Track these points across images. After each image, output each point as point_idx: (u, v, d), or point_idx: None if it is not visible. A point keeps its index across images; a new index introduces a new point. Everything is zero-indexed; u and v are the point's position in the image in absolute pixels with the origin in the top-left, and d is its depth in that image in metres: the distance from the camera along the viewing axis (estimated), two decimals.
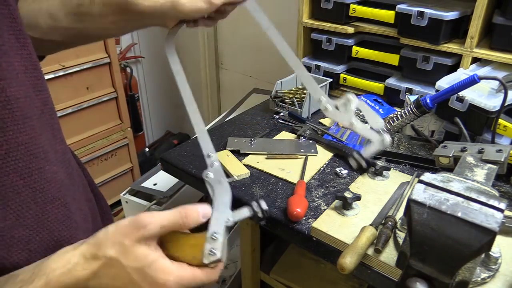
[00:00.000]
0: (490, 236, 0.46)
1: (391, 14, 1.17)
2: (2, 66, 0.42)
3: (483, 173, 0.64)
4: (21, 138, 0.43)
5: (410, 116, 0.99)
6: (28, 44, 0.47)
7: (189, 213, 0.45)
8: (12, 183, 0.43)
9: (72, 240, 0.49)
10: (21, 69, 0.45)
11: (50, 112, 0.50)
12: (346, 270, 0.65)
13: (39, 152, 0.46)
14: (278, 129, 1.19)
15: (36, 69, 0.48)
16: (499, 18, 1.00)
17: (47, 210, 0.47)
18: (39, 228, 0.46)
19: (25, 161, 0.44)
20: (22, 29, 0.46)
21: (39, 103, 0.47)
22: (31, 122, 0.45)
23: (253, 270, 1.22)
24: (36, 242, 0.45)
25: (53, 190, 0.48)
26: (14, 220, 0.43)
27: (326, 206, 0.85)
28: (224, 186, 0.51)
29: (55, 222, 0.48)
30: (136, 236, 0.42)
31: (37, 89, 0.47)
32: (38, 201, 0.46)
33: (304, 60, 1.40)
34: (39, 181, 0.46)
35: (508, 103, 0.86)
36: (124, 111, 2.00)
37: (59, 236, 0.48)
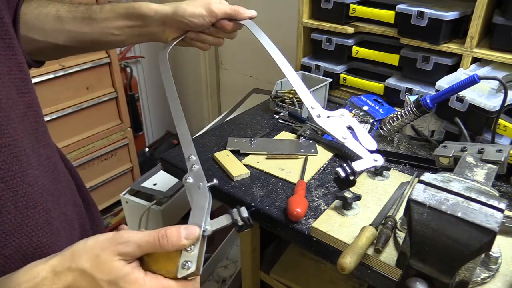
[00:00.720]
0: (490, 236, 0.46)
1: (391, 14, 1.17)
2: None
3: (483, 173, 0.64)
4: (4, 140, 0.42)
5: (410, 116, 0.99)
6: (14, 45, 0.46)
7: (169, 235, 0.42)
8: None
9: (52, 246, 0.48)
10: (4, 70, 0.44)
11: (34, 115, 0.49)
12: (346, 270, 0.65)
13: (22, 155, 0.44)
14: (278, 129, 1.19)
15: (22, 71, 0.47)
16: (499, 18, 1.00)
17: (27, 215, 0.45)
18: (17, 234, 0.44)
19: (8, 164, 0.42)
20: (8, 29, 0.45)
21: (22, 106, 0.46)
22: (13, 124, 0.43)
23: (253, 270, 1.22)
24: (12, 247, 0.44)
25: (35, 194, 0.46)
26: None
27: (326, 206, 0.85)
28: (203, 191, 0.48)
29: (35, 228, 0.46)
30: (113, 250, 0.41)
31: (21, 91, 0.46)
32: (19, 205, 0.44)
33: (304, 60, 1.40)
34: (21, 185, 0.44)
35: (508, 103, 0.86)
36: (124, 111, 2.00)
37: (38, 242, 0.46)
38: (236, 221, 0.45)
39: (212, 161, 1.01)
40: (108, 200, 2.02)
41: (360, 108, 1.22)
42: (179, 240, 0.42)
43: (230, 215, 0.45)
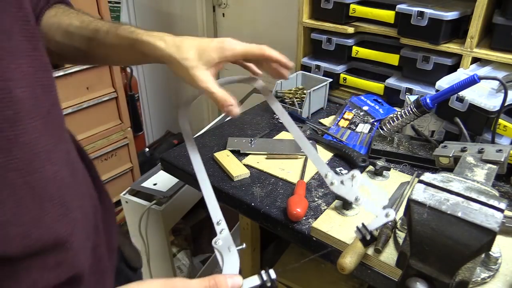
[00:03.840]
0: (490, 236, 0.46)
1: (391, 14, 1.17)
2: (11, 67, 0.43)
3: (483, 173, 0.64)
4: (25, 138, 0.44)
5: (410, 116, 0.99)
6: (41, 47, 0.48)
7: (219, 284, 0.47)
8: (12, 181, 0.43)
9: (70, 237, 0.50)
10: (30, 70, 0.46)
11: (57, 112, 0.51)
12: (346, 270, 0.65)
13: (41, 152, 0.46)
14: (278, 129, 1.19)
15: (47, 70, 0.49)
16: (499, 18, 1.00)
17: (45, 208, 0.47)
18: (37, 226, 0.46)
19: (27, 160, 0.44)
20: (35, 31, 0.47)
21: (46, 104, 0.48)
22: (34, 122, 0.45)
23: (253, 270, 1.22)
24: (33, 239, 0.45)
25: (53, 189, 0.48)
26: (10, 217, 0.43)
27: (326, 206, 0.85)
28: (233, 254, 0.53)
29: (53, 220, 0.48)
30: None
31: (45, 90, 0.48)
32: (36, 199, 0.46)
33: (304, 60, 1.40)
34: (39, 180, 0.46)
35: (508, 103, 0.86)
36: (124, 111, 2.00)
37: (57, 234, 0.48)
38: (265, 283, 0.50)
39: (212, 161, 1.01)
40: None
41: (360, 108, 1.23)
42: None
43: (261, 276, 0.50)
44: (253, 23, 2.14)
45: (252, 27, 2.15)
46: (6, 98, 0.42)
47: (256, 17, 2.11)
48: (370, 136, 1.11)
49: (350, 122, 1.18)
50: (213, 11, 2.30)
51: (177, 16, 2.44)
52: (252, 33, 2.16)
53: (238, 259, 0.52)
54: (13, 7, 0.44)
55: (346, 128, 1.16)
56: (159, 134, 2.80)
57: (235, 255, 0.52)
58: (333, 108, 1.33)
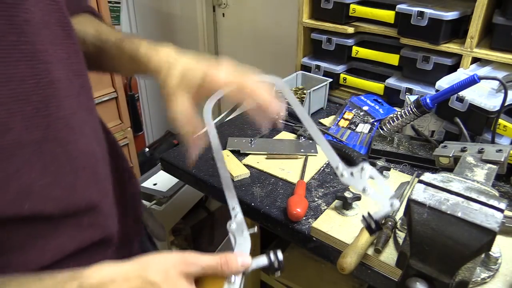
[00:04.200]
0: (490, 236, 0.46)
1: (391, 14, 1.17)
2: (49, 51, 0.49)
3: (483, 173, 0.64)
4: (62, 113, 0.50)
5: (410, 116, 0.99)
6: (73, 35, 0.54)
7: (229, 261, 0.49)
8: (52, 149, 0.49)
9: (101, 204, 0.57)
10: (64, 56, 0.52)
11: (87, 94, 0.57)
12: (346, 270, 0.65)
13: (76, 127, 0.53)
14: (278, 129, 1.18)
15: (78, 56, 0.55)
16: (499, 18, 1.00)
17: (79, 176, 0.53)
18: (73, 190, 0.52)
19: (64, 132, 0.51)
20: (68, 21, 0.53)
21: (77, 86, 0.54)
22: (69, 100, 0.52)
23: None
24: (70, 200, 0.51)
25: (86, 159, 0.54)
26: (52, 180, 0.49)
27: (326, 206, 0.85)
28: (245, 237, 0.55)
29: (86, 186, 0.54)
30: (181, 270, 0.46)
31: (76, 74, 0.54)
32: (73, 167, 0.52)
33: (304, 60, 1.40)
34: (75, 151, 0.52)
35: (508, 103, 0.86)
36: (124, 111, 1.99)
37: (88, 199, 0.54)
38: (273, 263, 0.52)
39: (212, 161, 1.01)
40: None
41: (360, 108, 1.23)
42: (237, 265, 0.49)
43: (268, 256, 0.52)
44: (253, 23, 2.14)
45: (252, 27, 2.15)
46: (46, 78, 0.48)
47: (256, 17, 2.11)
48: (370, 136, 1.11)
49: (350, 122, 1.18)
50: (213, 11, 2.30)
51: (177, 16, 2.44)
52: (252, 33, 2.16)
53: (249, 242, 0.55)
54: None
55: (346, 128, 1.16)
56: (159, 134, 2.80)
57: (247, 238, 0.55)
58: (333, 108, 1.33)
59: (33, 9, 0.47)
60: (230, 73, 0.59)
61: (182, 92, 0.58)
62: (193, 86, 0.58)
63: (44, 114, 0.48)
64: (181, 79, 0.58)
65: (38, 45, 0.47)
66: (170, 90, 0.58)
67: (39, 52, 0.47)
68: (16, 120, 0.45)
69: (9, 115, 0.45)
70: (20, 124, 0.46)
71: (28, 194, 0.47)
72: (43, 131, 0.48)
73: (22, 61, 0.46)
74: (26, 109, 0.46)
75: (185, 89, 0.58)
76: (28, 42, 0.46)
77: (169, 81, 0.58)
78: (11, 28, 0.44)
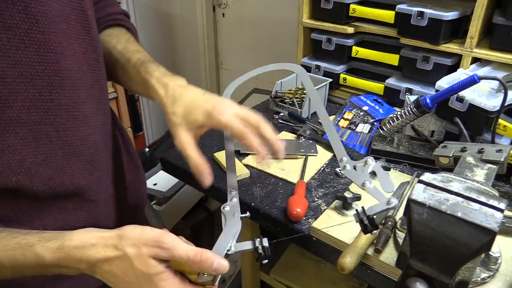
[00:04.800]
0: (490, 236, 0.46)
1: (391, 14, 1.17)
2: (63, 44, 0.53)
3: (483, 173, 0.64)
4: (64, 101, 0.54)
5: (410, 116, 0.99)
6: (93, 33, 0.58)
7: (203, 262, 0.48)
8: (47, 132, 0.53)
9: (90, 190, 0.60)
10: (80, 50, 0.56)
11: (100, 88, 0.61)
12: (346, 270, 0.65)
13: (79, 115, 0.56)
14: (278, 129, 1.19)
15: (95, 52, 0.60)
16: (499, 18, 1.00)
17: (71, 161, 0.56)
18: (62, 173, 0.55)
19: (63, 119, 0.54)
20: (90, 19, 0.57)
21: (90, 79, 0.58)
22: (77, 91, 0.56)
23: (253, 270, 1.22)
24: (57, 182, 0.55)
25: (82, 147, 0.58)
26: (42, 160, 0.53)
27: (326, 206, 0.85)
28: (236, 219, 0.56)
29: (77, 172, 0.57)
30: (153, 251, 0.47)
31: (92, 68, 0.59)
32: (66, 151, 0.55)
33: (304, 60, 1.40)
34: (71, 137, 0.56)
35: (508, 103, 0.86)
36: (124, 111, 1.99)
37: (77, 184, 0.58)
38: (257, 249, 0.52)
39: (212, 161, 1.01)
40: None
41: (360, 108, 1.23)
42: (210, 267, 0.48)
43: (253, 242, 0.53)
44: (253, 23, 2.14)
45: (252, 27, 2.15)
46: (54, 67, 0.52)
47: (256, 17, 2.11)
48: (370, 136, 1.11)
49: (350, 122, 1.18)
50: (213, 11, 2.30)
51: (177, 16, 2.44)
52: (252, 33, 2.16)
53: (240, 224, 0.56)
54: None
55: (346, 128, 1.16)
56: (159, 134, 2.80)
57: (237, 221, 0.56)
58: (333, 108, 1.33)
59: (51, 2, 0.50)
60: (233, 112, 0.60)
61: (184, 128, 0.60)
62: (195, 124, 0.60)
63: (46, 99, 0.52)
64: (183, 117, 0.60)
65: (50, 36, 0.51)
66: (174, 127, 0.61)
67: (51, 42, 0.51)
68: (19, 99, 0.49)
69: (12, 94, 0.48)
70: (21, 103, 0.50)
71: (17, 169, 0.51)
72: (42, 114, 0.52)
73: (31, 48, 0.49)
74: (30, 91, 0.50)
75: (187, 126, 0.60)
76: (40, 31, 0.50)
77: (173, 118, 0.60)
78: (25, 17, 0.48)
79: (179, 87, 0.62)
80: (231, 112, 0.59)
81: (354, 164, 0.60)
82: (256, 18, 2.11)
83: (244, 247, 0.53)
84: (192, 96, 0.61)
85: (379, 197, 0.58)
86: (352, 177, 0.59)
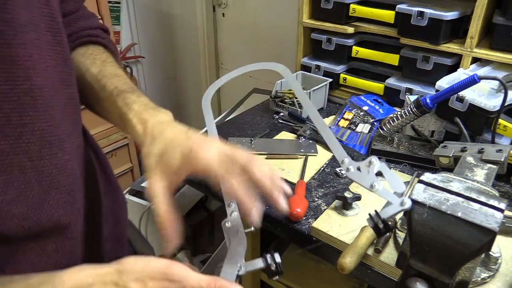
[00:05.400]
0: (490, 236, 0.46)
1: (391, 14, 1.17)
2: (33, 57, 0.45)
3: (483, 173, 0.64)
4: (38, 125, 0.46)
5: (410, 116, 0.99)
6: (64, 43, 0.50)
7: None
8: (20, 163, 0.45)
9: (71, 226, 0.51)
10: (52, 63, 0.48)
11: (74, 107, 0.53)
12: (346, 270, 0.65)
13: (55, 140, 0.48)
14: (278, 129, 1.18)
15: (67, 65, 0.51)
16: (499, 18, 1.00)
17: (49, 194, 0.48)
18: (38, 209, 0.47)
19: (38, 146, 0.46)
20: (60, 28, 0.49)
21: (64, 97, 0.50)
22: (52, 111, 0.47)
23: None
24: (33, 221, 0.46)
25: (61, 177, 0.49)
26: (15, 197, 0.44)
27: (326, 206, 0.85)
28: (241, 237, 0.52)
29: (56, 207, 0.49)
30: (161, 285, 0.42)
31: (65, 84, 0.51)
32: (43, 184, 0.47)
33: (304, 60, 1.40)
34: (48, 166, 0.47)
35: (508, 103, 0.86)
36: None
37: (57, 220, 0.49)
38: (270, 266, 0.49)
39: None
40: None
41: (360, 108, 1.23)
42: None
43: (265, 259, 0.49)
44: (253, 23, 2.14)
45: (252, 27, 2.15)
46: (24, 85, 0.44)
47: (256, 17, 2.11)
48: (370, 136, 1.11)
49: (350, 122, 1.18)
50: (213, 11, 2.30)
51: (177, 16, 2.44)
52: (252, 33, 2.16)
53: (245, 242, 0.51)
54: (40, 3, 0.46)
55: (346, 128, 1.16)
56: None
57: (242, 238, 0.51)
58: (333, 108, 1.33)
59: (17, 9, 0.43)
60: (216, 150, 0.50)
61: (159, 172, 0.51)
62: (171, 167, 0.51)
63: (16, 124, 0.44)
64: (159, 159, 0.51)
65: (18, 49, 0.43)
66: (147, 171, 0.52)
67: (19, 56, 0.43)
68: None
69: None
70: None
71: None
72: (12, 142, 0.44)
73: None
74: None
75: (162, 169, 0.51)
76: (5, 44, 0.42)
77: (147, 161, 0.52)
78: None
79: (160, 123, 0.54)
80: (214, 150, 0.50)
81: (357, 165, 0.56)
82: (256, 18, 2.11)
83: (255, 266, 0.49)
84: (172, 134, 0.52)
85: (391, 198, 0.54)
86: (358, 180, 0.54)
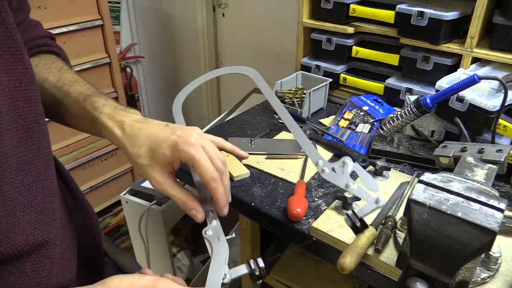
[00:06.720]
0: (490, 236, 0.46)
1: (391, 14, 1.17)
2: None
3: (483, 173, 0.64)
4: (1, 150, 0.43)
5: (410, 116, 0.99)
6: (25, 60, 0.48)
7: None
8: None
9: (49, 244, 0.49)
10: (13, 83, 0.45)
11: (39, 127, 0.50)
12: (346, 270, 0.65)
13: (14, 163, 0.45)
14: (278, 129, 1.18)
15: (31, 83, 0.48)
16: (499, 18, 1.00)
17: (17, 217, 0.46)
18: (11, 233, 0.45)
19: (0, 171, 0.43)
20: (19, 45, 0.46)
21: (29, 117, 0.48)
22: (11, 134, 0.45)
23: None
24: (9, 245, 0.45)
25: (25, 199, 0.47)
26: None
27: (326, 206, 0.85)
28: (222, 244, 0.53)
29: (29, 227, 0.47)
30: None
31: (29, 103, 0.48)
32: (8, 208, 0.45)
33: (304, 60, 1.40)
34: (9, 191, 0.45)
35: (508, 103, 0.86)
36: None
37: (33, 240, 0.47)
38: (253, 271, 0.50)
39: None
40: (108, 200, 2.02)
41: (360, 108, 1.23)
42: None
43: (249, 265, 0.50)
44: (253, 23, 2.14)
45: (252, 27, 2.15)
46: None
47: (256, 17, 2.11)
48: (370, 136, 1.11)
49: (350, 122, 1.18)
50: (213, 11, 2.30)
51: (177, 16, 2.44)
52: (252, 33, 2.16)
53: (227, 249, 0.52)
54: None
55: (346, 128, 1.16)
56: None
57: (223, 245, 0.53)
58: (333, 108, 1.33)
59: None
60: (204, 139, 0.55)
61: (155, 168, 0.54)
62: (165, 162, 0.54)
63: None
64: (150, 157, 0.54)
65: None
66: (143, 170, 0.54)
67: None
68: None
69: None
70: None
71: None
72: None
73: None
74: None
75: (157, 164, 0.54)
76: None
77: (139, 161, 0.54)
78: None
79: (137, 122, 0.56)
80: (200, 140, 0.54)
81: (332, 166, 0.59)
82: (256, 18, 2.11)
83: (239, 272, 0.50)
84: (153, 130, 0.54)
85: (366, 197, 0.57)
86: (333, 180, 0.57)
